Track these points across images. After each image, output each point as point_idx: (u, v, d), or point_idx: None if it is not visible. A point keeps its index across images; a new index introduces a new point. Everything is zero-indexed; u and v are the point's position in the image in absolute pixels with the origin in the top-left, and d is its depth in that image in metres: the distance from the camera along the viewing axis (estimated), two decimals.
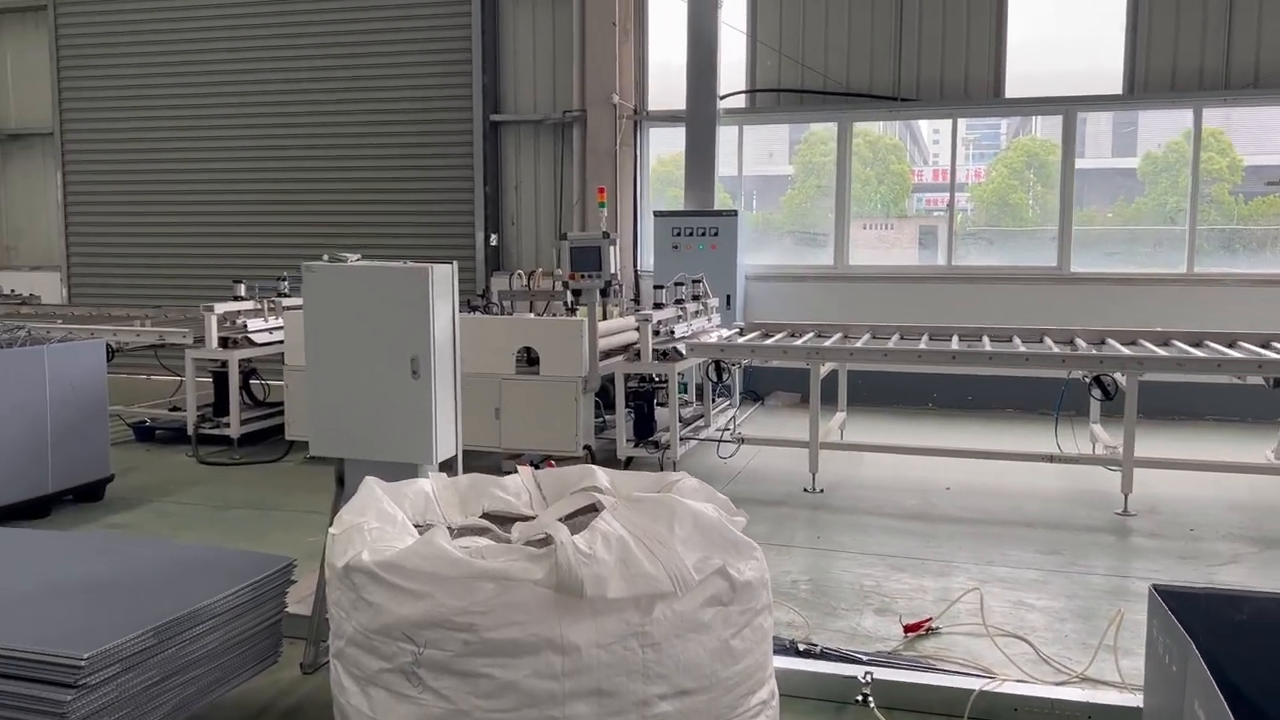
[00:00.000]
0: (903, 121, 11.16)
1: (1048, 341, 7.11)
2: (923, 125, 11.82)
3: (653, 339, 7.12)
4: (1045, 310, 9.44)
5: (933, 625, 4.39)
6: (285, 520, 6.21)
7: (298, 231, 11.72)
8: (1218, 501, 6.58)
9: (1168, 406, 8.99)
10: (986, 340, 7.17)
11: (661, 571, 2.61)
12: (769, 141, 11.52)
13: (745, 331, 7.81)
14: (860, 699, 3.68)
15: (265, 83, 11.86)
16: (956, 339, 7.20)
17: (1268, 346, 6.54)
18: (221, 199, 12.15)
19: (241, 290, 8.56)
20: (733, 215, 10.25)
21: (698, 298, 8.29)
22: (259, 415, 8.29)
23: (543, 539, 2.80)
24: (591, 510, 3.03)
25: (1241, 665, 2.76)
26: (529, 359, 7.09)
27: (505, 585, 2.55)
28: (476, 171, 11.34)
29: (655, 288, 8.02)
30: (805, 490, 6.80)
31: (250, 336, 8.12)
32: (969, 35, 10.15)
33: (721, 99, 10.56)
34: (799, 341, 7.23)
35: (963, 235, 10.69)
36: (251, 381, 8.50)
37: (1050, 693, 3.68)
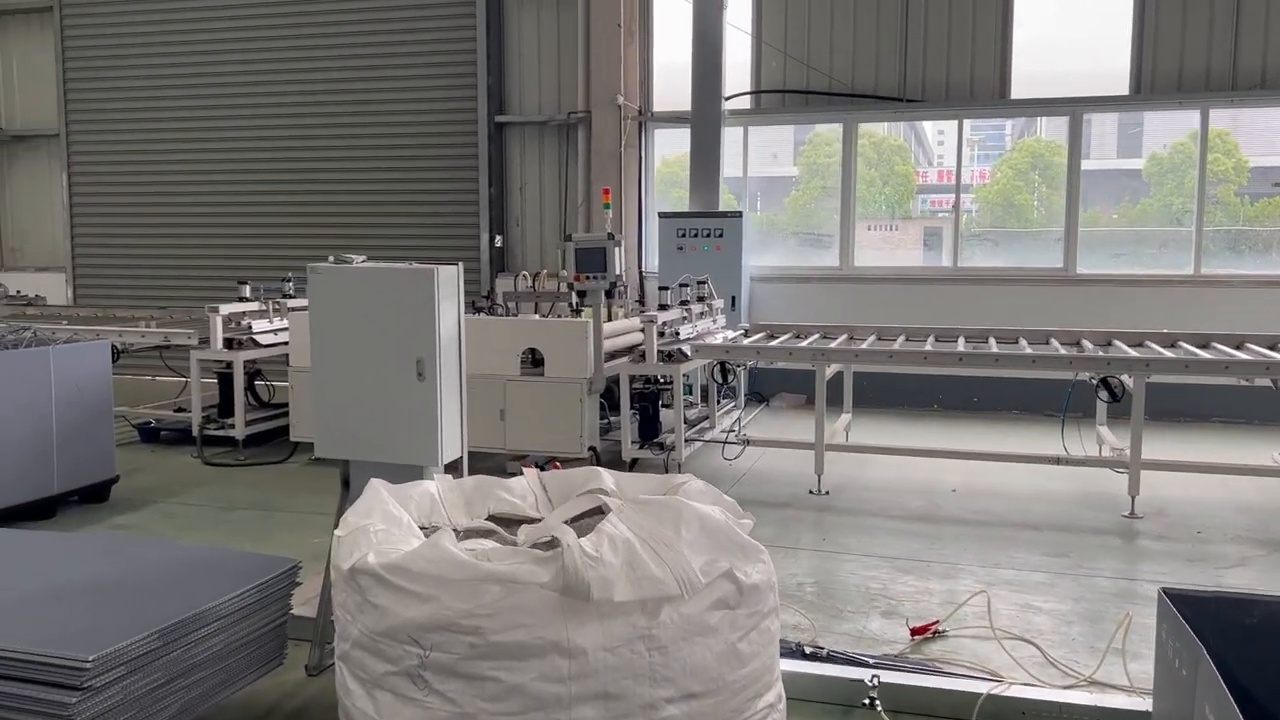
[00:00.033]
0: (907, 122, 11.14)
1: (1054, 343, 7.10)
2: (927, 126, 11.77)
3: (658, 340, 7.11)
4: (1051, 312, 9.41)
5: (939, 628, 4.38)
6: (290, 522, 6.21)
7: (302, 233, 11.73)
8: (1225, 504, 6.56)
9: (1174, 408, 8.97)
10: (992, 342, 7.16)
11: (668, 574, 2.60)
12: (774, 143, 11.50)
13: (750, 333, 7.79)
14: (867, 702, 3.67)
15: (270, 85, 11.86)
16: (962, 340, 7.19)
17: (1275, 348, 6.51)
18: (225, 200, 12.16)
19: (246, 291, 8.59)
20: (737, 216, 10.25)
21: (702, 299, 8.28)
22: (264, 416, 8.30)
23: (549, 542, 2.79)
24: (597, 512, 3.02)
25: (1252, 669, 2.76)
26: (534, 360, 7.08)
27: (511, 588, 2.54)
28: (481, 173, 11.33)
29: (660, 289, 8.00)
30: (811, 492, 6.79)
31: (255, 338, 8.14)
32: (974, 36, 10.13)
33: (726, 100, 10.55)
34: (804, 343, 7.22)
35: (968, 236, 10.66)
36: (256, 383, 8.50)
37: (1058, 696, 3.68)
